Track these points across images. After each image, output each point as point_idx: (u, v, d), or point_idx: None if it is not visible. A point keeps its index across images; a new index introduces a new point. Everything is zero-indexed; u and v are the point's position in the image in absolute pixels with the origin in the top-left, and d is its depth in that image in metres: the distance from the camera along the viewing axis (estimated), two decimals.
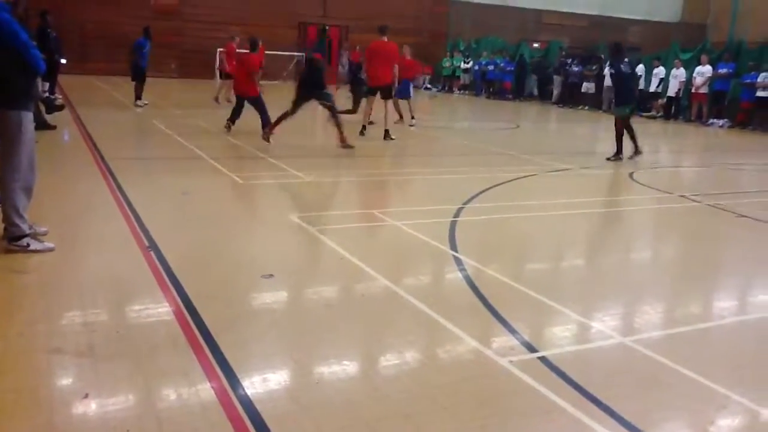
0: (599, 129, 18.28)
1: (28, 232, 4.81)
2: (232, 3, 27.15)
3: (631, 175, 9.99)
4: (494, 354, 3.60)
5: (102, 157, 8.70)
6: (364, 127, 12.56)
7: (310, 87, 10.62)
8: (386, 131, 12.15)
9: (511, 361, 3.51)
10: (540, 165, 10.34)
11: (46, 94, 11.31)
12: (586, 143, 15.71)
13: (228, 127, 11.72)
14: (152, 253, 4.92)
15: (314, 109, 12.31)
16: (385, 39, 12.35)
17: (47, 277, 4.45)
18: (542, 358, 3.57)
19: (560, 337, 3.95)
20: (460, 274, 4.94)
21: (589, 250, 6.25)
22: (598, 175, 10.15)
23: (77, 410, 2.86)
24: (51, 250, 4.84)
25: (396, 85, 12.87)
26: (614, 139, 11.35)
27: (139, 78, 15.43)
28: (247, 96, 11.59)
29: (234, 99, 12.71)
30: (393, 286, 4.57)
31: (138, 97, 15.45)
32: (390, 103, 12.59)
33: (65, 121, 11.46)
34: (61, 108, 10.15)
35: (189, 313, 3.88)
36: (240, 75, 11.93)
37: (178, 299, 4.08)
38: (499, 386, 3.29)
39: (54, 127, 10.41)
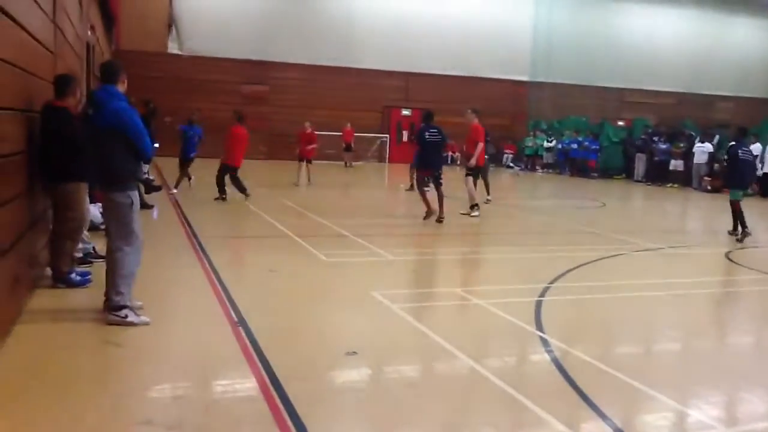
0: (689, 207, 17.71)
1: (128, 304, 5.07)
2: (317, 89, 28.43)
3: (727, 254, 9.55)
4: None
5: (195, 235, 9.10)
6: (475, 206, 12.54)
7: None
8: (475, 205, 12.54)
9: None
10: (628, 244, 10.04)
11: (146, 176, 12.03)
12: (676, 221, 15.20)
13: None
14: (240, 328, 5.04)
15: (394, 189, 12.50)
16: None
17: (141, 350, 4.62)
18: None
19: (656, 426, 3.74)
20: (546, 356, 4.80)
21: (683, 333, 5.94)
22: (690, 255, 9.75)
23: None
24: (147, 323, 5.04)
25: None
26: (732, 218, 11.23)
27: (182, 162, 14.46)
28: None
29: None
30: (477, 366, 4.49)
31: (176, 183, 14.29)
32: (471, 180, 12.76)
33: (162, 202, 12.11)
34: (158, 189, 10.80)
35: (275, 389, 3.92)
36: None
37: (265, 375, 4.14)
38: None
39: (152, 207, 11.02)
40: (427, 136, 11.43)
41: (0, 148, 4.59)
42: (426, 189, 11.55)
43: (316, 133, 19.03)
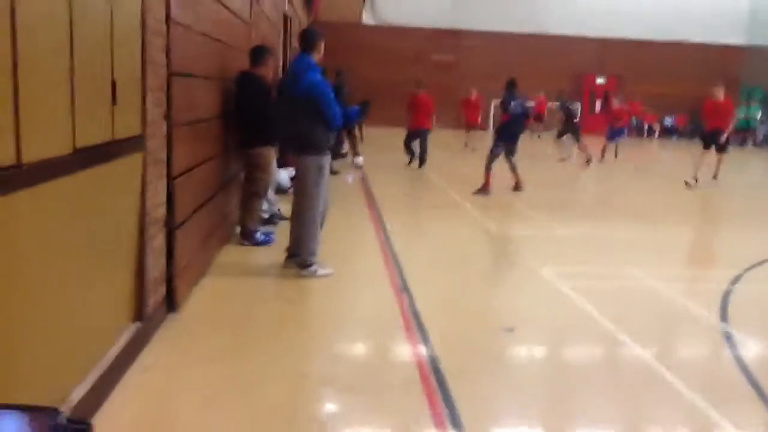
0: None
1: (317, 261, 5.46)
2: (506, 57, 27.80)
3: None
4: None
5: (373, 201, 9.40)
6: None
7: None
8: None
9: None
10: None
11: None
12: None
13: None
14: (404, 295, 5.14)
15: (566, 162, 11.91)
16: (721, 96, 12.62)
17: (309, 308, 4.90)
18: None
19: None
20: (729, 352, 4.34)
21: None
22: None
23: None
24: (331, 274, 5.46)
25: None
26: None
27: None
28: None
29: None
30: (646, 356, 4.18)
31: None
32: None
33: (348, 168, 12.64)
34: (344, 155, 11.27)
35: (429, 358, 3.96)
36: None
37: (420, 343, 4.19)
38: None
39: (338, 173, 11.53)
40: (512, 107, 10.54)
41: (196, 114, 5.05)
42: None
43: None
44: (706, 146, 12.91)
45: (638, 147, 21.21)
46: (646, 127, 28.20)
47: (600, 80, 28.77)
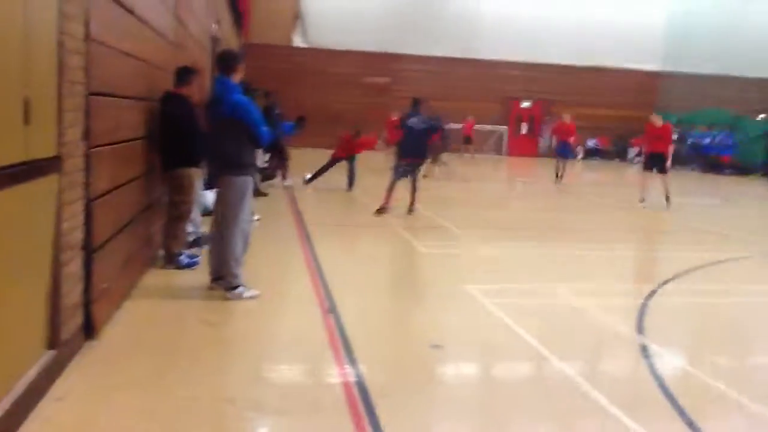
0: None
1: (242, 282, 5.39)
2: (437, 81, 28.33)
3: None
4: None
5: (302, 221, 9.36)
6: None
7: None
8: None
9: None
10: (758, 246, 9.28)
11: (263, 164, 12.51)
12: None
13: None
14: (331, 315, 5.12)
15: (510, 182, 12.25)
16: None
17: (233, 331, 4.82)
18: None
19: None
20: (645, 364, 4.52)
21: None
22: None
23: None
24: (258, 296, 5.40)
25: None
26: None
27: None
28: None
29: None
30: (567, 370, 4.29)
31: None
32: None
33: (276, 190, 12.55)
34: (272, 178, 11.20)
35: (356, 378, 3.95)
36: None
37: (348, 363, 4.18)
38: None
39: (266, 195, 11.44)
40: (409, 123, 10.39)
41: (118, 135, 4.93)
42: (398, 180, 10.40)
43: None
44: (647, 168, 13.78)
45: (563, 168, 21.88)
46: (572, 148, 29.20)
47: (525, 104, 29.67)
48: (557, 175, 17.39)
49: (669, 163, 13.44)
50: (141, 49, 5.56)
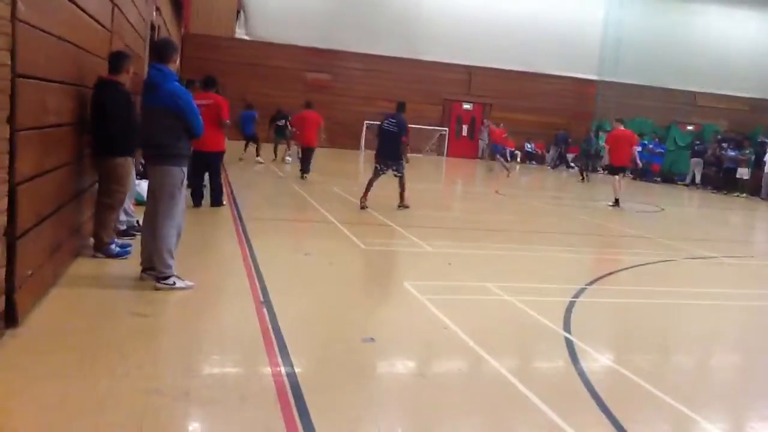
0: (753, 217, 16.99)
1: (175, 273, 5.30)
2: (379, 80, 28.44)
3: None
4: None
5: (240, 216, 9.26)
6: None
7: None
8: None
9: None
10: (680, 251, 9.69)
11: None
12: (736, 232, 14.59)
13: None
14: (264, 308, 5.10)
15: (452, 183, 12.42)
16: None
17: (164, 322, 4.75)
18: None
19: None
20: (568, 358, 4.67)
21: (736, 350, 5.64)
22: (744, 266, 9.33)
23: None
24: (191, 287, 5.33)
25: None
26: None
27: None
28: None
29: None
30: (495, 365, 4.39)
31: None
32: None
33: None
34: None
35: (285, 369, 3.95)
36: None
37: (279, 355, 4.17)
38: None
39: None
40: (384, 126, 11.12)
41: (45, 120, 4.77)
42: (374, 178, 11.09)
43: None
44: (613, 173, 15.33)
45: (501, 172, 22.31)
46: (507, 152, 29.75)
47: (467, 106, 30.10)
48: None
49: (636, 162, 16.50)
50: (73, 33, 5.40)
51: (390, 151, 10.97)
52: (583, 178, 23.04)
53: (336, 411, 3.52)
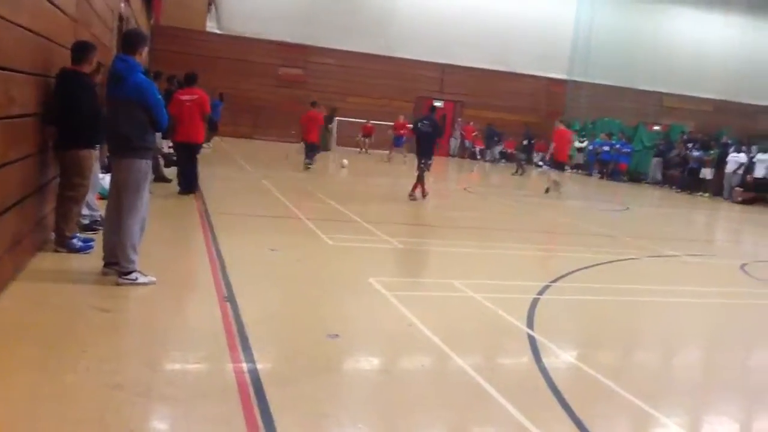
0: (715, 217, 17.35)
1: (138, 268, 5.25)
2: (352, 76, 28.39)
3: (743, 266, 9.33)
4: None
5: (206, 211, 9.19)
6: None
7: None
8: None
9: None
10: (642, 249, 9.87)
11: (167, 150, 12.16)
12: (698, 231, 14.90)
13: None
14: (228, 304, 5.08)
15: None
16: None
17: (127, 317, 4.71)
18: None
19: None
20: (531, 354, 4.74)
21: (694, 347, 5.78)
22: (704, 264, 9.54)
23: None
24: (153, 282, 5.28)
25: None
26: None
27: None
28: None
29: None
30: (459, 361, 4.43)
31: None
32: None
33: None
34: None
35: (247, 364, 3.95)
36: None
37: (241, 350, 4.17)
38: None
39: (170, 181, 11.15)
40: (420, 127, 12.95)
41: (9, 110, 4.69)
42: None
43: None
44: (556, 167, 16.87)
45: (469, 169, 22.51)
46: (477, 150, 29.97)
47: (438, 103, 30.16)
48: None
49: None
50: (37, 22, 5.31)
51: (425, 149, 12.82)
52: (517, 171, 23.88)
53: (298, 407, 3.53)
